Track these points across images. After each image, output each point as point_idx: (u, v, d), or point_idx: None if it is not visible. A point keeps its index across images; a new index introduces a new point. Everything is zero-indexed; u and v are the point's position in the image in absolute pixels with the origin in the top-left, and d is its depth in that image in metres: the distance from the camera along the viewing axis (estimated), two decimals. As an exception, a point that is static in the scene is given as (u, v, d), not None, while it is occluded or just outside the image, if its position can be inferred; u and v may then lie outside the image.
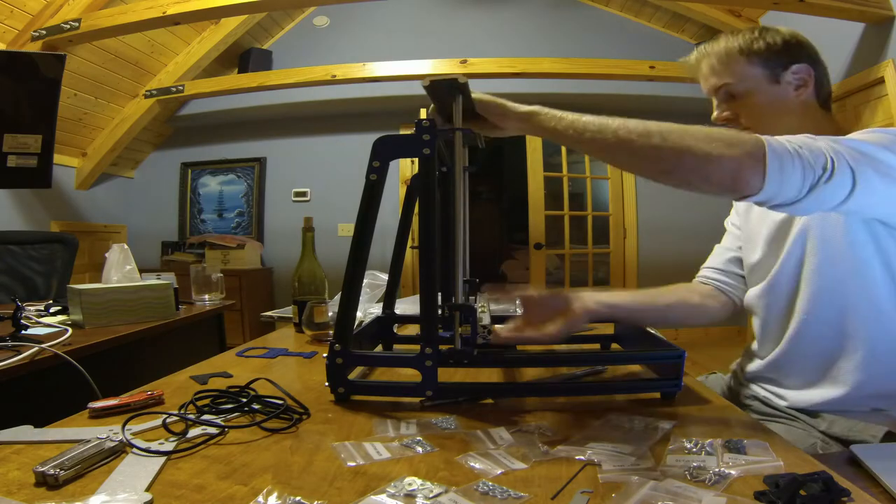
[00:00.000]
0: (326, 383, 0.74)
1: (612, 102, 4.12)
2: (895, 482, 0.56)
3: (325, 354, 0.73)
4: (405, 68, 3.85)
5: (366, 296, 1.34)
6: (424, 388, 0.71)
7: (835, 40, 3.02)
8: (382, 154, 0.72)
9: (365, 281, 1.36)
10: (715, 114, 0.96)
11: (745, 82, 0.91)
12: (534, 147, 4.05)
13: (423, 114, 0.69)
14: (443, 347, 0.71)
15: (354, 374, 0.85)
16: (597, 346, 1.05)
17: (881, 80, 2.73)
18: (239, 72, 4.33)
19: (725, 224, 1.13)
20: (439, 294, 0.79)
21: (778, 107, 0.89)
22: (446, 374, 0.79)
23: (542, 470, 0.52)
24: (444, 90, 0.72)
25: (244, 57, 4.32)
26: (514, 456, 0.55)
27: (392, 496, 0.46)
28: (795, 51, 0.90)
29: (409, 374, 0.72)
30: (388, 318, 1.05)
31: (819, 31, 3.12)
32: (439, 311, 0.77)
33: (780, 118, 0.89)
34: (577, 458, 0.54)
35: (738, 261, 1.05)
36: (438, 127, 0.70)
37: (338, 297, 0.79)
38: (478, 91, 0.79)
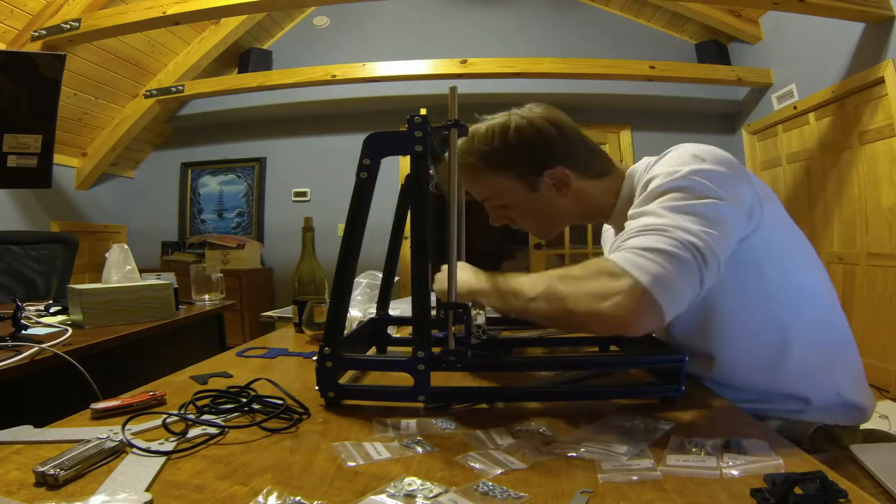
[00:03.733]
0: (316, 387, 0.72)
1: (613, 102, 4.12)
2: (895, 482, 0.56)
3: (315, 357, 0.72)
4: (405, 68, 3.85)
5: (366, 296, 1.34)
6: (417, 392, 0.69)
7: (835, 40, 3.02)
8: (373, 151, 0.70)
9: (364, 281, 1.36)
10: (491, 220, 0.96)
11: (505, 196, 0.89)
12: (534, 147, 4.05)
13: (423, 113, 0.69)
14: (437, 350, 0.69)
15: (347, 378, 0.84)
16: (595, 348, 1.04)
17: (881, 80, 2.73)
18: (239, 72, 4.33)
19: None
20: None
21: (546, 208, 0.89)
22: (442, 378, 0.78)
23: (542, 470, 0.52)
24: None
25: (244, 57, 4.32)
26: (514, 456, 0.55)
27: (392, 496, 0.46)
28: (543, 152, 0.85)
29: (402, 378, 0.70)
30: (382, 319, 1.04)
31: (819, 31, 3.12)
32: (433, 313, 0.76)
33: (556, 216, 0.90)
34: (576, 457, 0.54)
35: None
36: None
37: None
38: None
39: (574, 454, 0.55)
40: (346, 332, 0.77)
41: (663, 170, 0.74)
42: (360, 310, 1.27)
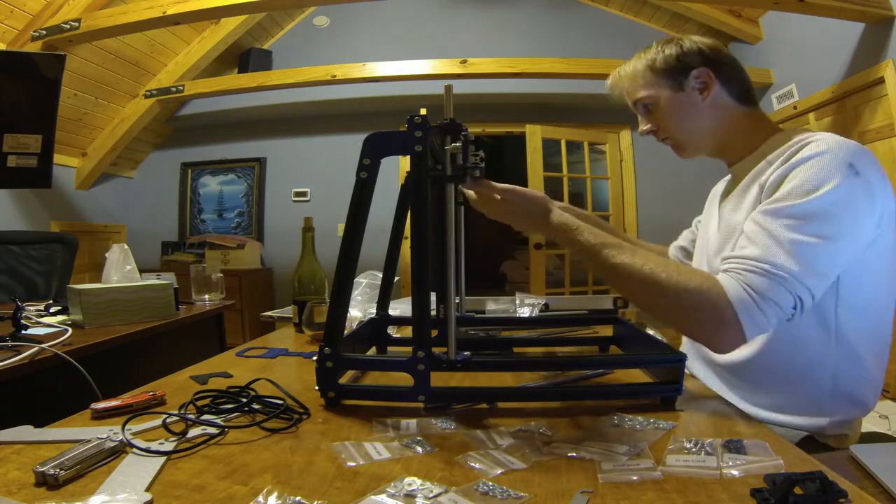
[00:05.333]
0: (316, 387, 0.72)
1: (613, 102, 4.12)
2: (895, 482, 0.56)
3: (315, 357, 0.72)
4: (405, 68, 3.85)
5: (366, 296, 1.34)
6: (417, 392, 0.69)
7: (835, 40, 3.02)
8: (373, 151, 0.70)
9: (364, 281, 1.36)
10: (640, 128, 1.03)
11: (654, 94, 0.97)
12: (534, 147, 4.05)
13: (423, 113, 0.69)
14: (436, 350, 0.69)
15: (346, 378, 0.84)
16: (595, 348, 1.04)
17: (881, 80, 2.73)
18: (239, 72, 4.32)
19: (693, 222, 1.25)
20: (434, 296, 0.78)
21: (688, 112, 0.94)
22: (442, 378, 0.78)
23: (542, 470, 0.52)
24: None
25: (244, 57, 4.32)
26: (514, 456, 0.55)
27: (392, 496, 0.46)
28: (692, 58, 0.94)
29: (402, 378, 0.70)
30: (382, 319, 1.04)
31: (819, 31, 3.12)
32: (433, 313, 0.76)
33: (693, 122, 0.95)
34: (576, 457, 0.54)
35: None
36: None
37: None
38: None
39: (574, 454, 0.55)
40: (346, 332, 0.77)
41: (805, 176, 0.74)
42: (360, 310, 1.27)
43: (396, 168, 4.05)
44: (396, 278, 1.08)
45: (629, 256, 0.77)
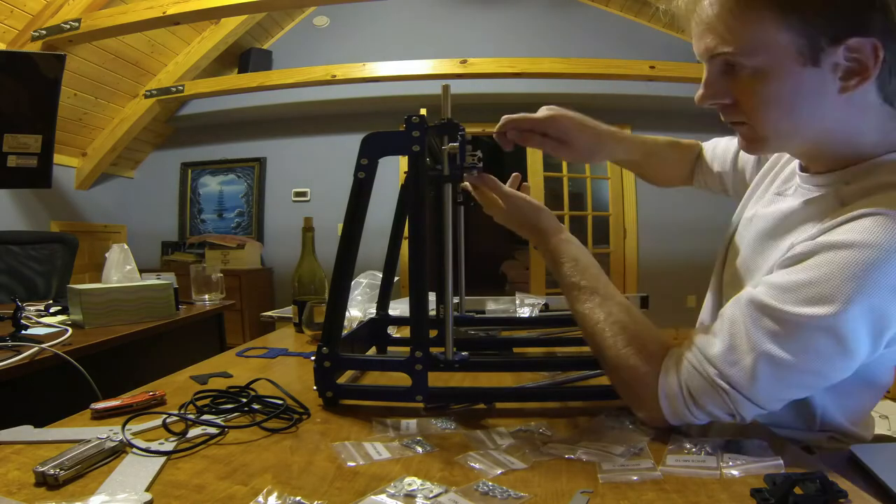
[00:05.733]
0: (314, 387, 0.73)
1: (613, 102, 4.12)
2: (895, 482, 0.56)
3: (313, 357, 0.72)
4: (405, 68, 3.85)
5: (366, 296, 1.34)
6: (414, 392, 0.69)
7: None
8: (371, 151, 0.70)
9: (364, 281, 1.36)
10: (701, 92, 0.64)
11: (761, 55, 0.57)
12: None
13: (422, 113, 0.69)
14: (434, 350, 0.69)
15: (345, 378, 0.84)
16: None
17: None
18: (239, 72, 4.33)
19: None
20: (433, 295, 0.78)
21: (803, 103, 0.58)
22: (441, 378, 0.78)
23: (542, 470, 0.52)
24: None
25: (244, 57, 4.32)
26: (514, 456, 0.55)
27: (392, 496, 0.46)
28: (863, 12, 0.53)
29: (401, 378, 0.70)
30: (382, 319, 1.04)
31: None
32: (433, 313, 0.76)
33: (807, 119, 0.59)
34: (576, 458, 0.54)
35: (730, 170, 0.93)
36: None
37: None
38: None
39: (573, 455, 0.55)
40: (345, 331, 0.77)
41: (823, 273, 0.53)
42: (359, 310, 1.28)
43: (396, 168, 4.05)
44: (396, 278, 1.08)
45: (594, 306, 0.68)
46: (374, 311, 1.06)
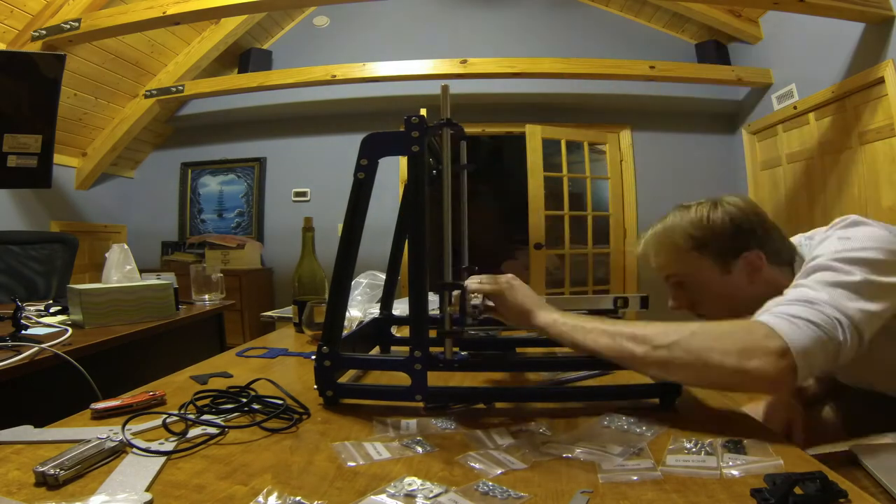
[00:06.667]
0: (315, 386, 0.73)
1: (613, 102, 4.12)
2: (895, 482, 0.56)
3: (313, 356, 0.72)
4: (405, 68, 3.85)
5: (366, 296, 1.34)
6: (414, 392, 0.69)
7: (835, 40, 3.02)
8: (370, 152, 0.71)
9: (364, 281, 1.36)
10: (670, 303, 0.97)
11: (695, 275, 0.90)
12: (534, 147, 4.04)
13: (423, 113, 0.69)
14: (434, 350, 0.69)
15: (347, 377, 0.84)
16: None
17: (881, 80, 2.73)
18: (239, 72, 4.32)
19: None
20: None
21: (735, 293, 0.88)
22: (442, 378, 0.78)
23: (542, 470, 0.52)
24: None
25: (244, 57, 4.32)
26: (514, 456, 0.55)
27: (392, 496, 0.46)
28: (745, 235, 0.88)
29: (403, 378, 0.70)
30: (385, 319, 1.04)
31: (819, 31, 3.12)
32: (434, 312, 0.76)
33: (740, 302, 0.85)
34: (576, 458, 0.54)
35: None
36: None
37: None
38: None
39: (573, 455, 0.55)
40: (346, 331, 0.77)
41: (828, 249, 0.74)
42: (360, 310, 1.28)
43: (396, 168, 4.05)
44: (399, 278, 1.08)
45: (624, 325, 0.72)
46: (375, 311, 1.07)
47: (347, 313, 1.26)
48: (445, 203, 0.73)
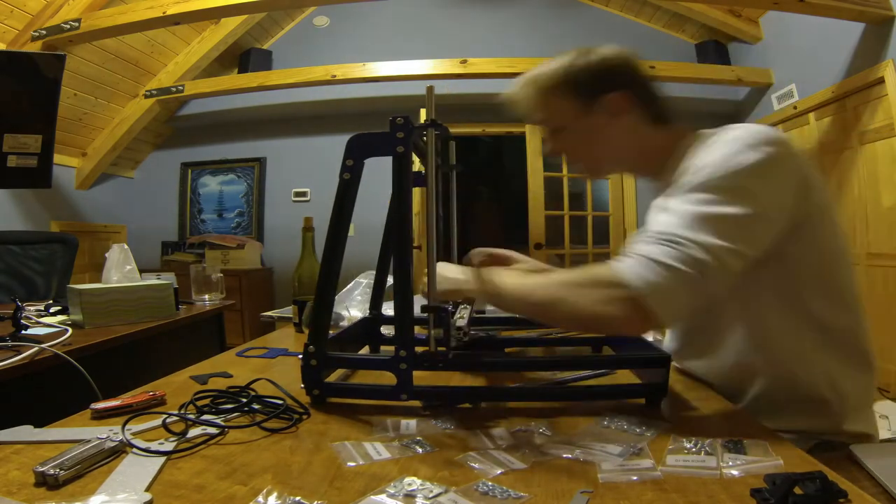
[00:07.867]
0: (301, 385, 0.73)
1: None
2: (895, 482, 0.56)
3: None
4: (405, 68, 3.85)
5: (366, 296, 1.34)
6: (400, 390, 0.69)
7: (835, 40, 3.02)
8: (356, 152, 0.71)
9: (364, 281, 1.36)
10: (543, 148, 0.97)
11: (558, 117, 0.88)
12: (534, 147, 4.05)
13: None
14: (420, 349, 0.69)
15: (336, 376, 0.84)
16: (587, 348, 1.04)
17: (881, 80, 2.73)
18: (239, 72, 4.32)
19: None
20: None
21: (596, 137, 0.87)
22: (439, 377, 0.77)
23: (541, 470, 0.52)
24: None
25: (244, 57, 4.32)
26: (514, 456, 0.55)
27: (392, 496, 0.46)
28: (607, 78, 0.85)
29: (390, 377, 0.70)
30: (375, 319, 1.04)
31: (819, 31, 3.12)
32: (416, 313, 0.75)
33: (606, 147, 0.88)
34: (576, 458, 0.54)
35: None
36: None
37: (338, 297, 0.78)
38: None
39: (573, 455, 0.55)
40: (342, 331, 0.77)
41: (708, 159, 0.72)
42: (360, 310, 1.27)
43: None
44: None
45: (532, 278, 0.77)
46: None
47: (348, 313, 1.26)
48: (430, 206, 0.73)
